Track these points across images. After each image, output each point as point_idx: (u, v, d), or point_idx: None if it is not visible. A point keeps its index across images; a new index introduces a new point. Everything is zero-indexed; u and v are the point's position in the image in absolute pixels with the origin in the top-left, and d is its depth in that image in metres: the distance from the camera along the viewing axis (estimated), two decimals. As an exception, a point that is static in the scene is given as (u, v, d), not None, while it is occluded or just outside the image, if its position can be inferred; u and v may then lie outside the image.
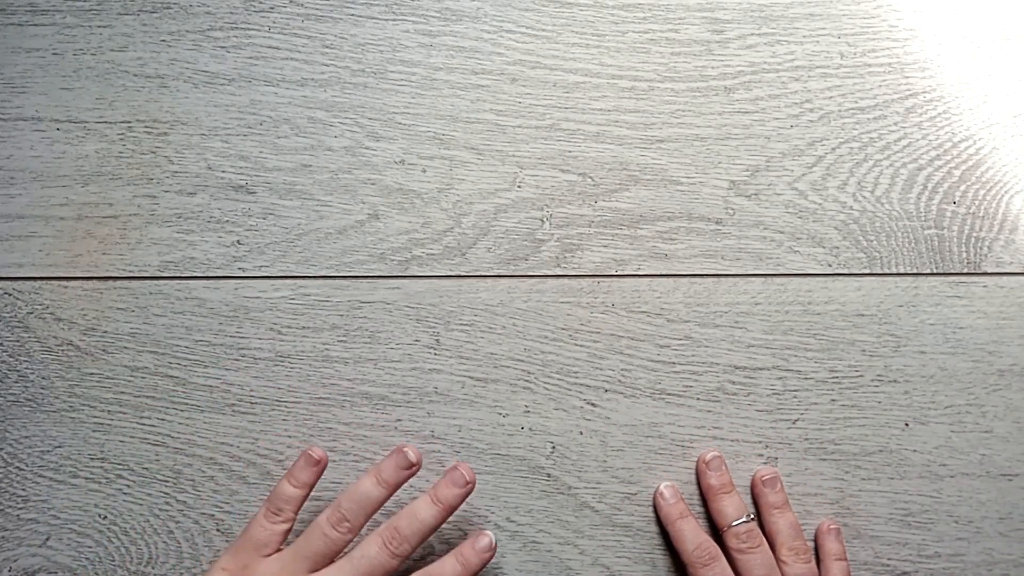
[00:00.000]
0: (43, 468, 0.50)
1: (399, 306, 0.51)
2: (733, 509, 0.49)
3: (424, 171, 0.52)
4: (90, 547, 0.50)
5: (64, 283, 0.51)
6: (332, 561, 0.44)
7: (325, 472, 0.47)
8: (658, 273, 0.51)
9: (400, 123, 0.52)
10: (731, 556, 0.48)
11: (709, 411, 0.51)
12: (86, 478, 0.50)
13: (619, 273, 0.51)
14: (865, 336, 0.51)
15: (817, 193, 0.52)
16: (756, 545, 0.48)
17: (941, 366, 0.51)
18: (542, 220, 0.52)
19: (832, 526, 0.50)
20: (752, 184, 0.52)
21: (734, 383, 0.51)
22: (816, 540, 0.50)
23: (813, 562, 0.48)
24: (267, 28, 0.52)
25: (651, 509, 0.50)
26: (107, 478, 0.50)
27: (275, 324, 0.51)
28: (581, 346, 0.51)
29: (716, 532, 0.49)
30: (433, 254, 0.51)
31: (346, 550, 0.45)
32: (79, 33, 0.52)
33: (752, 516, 0.49)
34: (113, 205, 0.51)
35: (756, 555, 0.47)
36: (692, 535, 0.48)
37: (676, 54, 0.53)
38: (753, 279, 0.51)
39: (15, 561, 0.50)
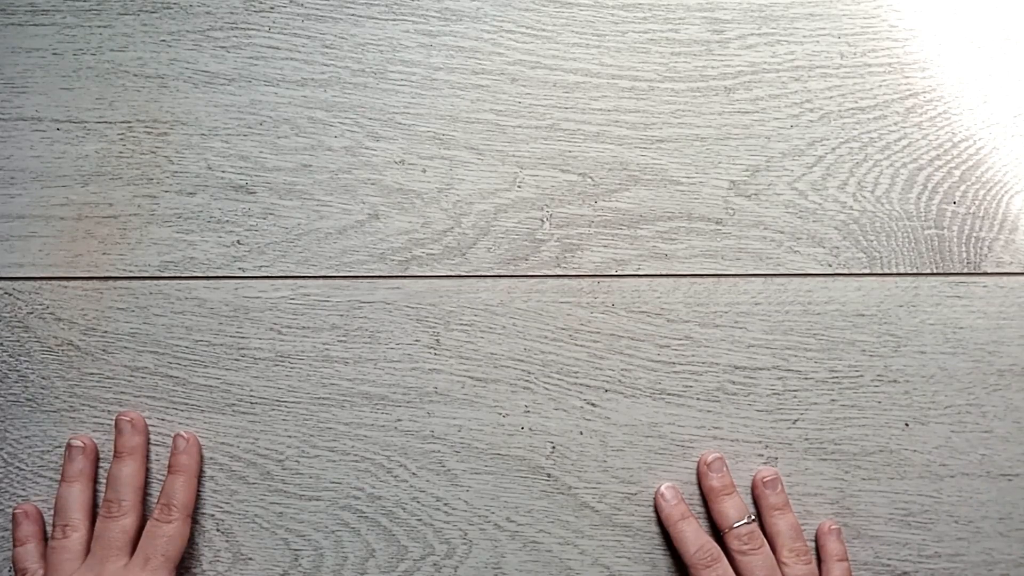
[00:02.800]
0: (43, 468, 0.50)
1: (399, 306, 0.51)
2: (734, 511, 0.49)
3: (424, 171, 0.52)
4: (90, 547, 0.50)
5: (64, 283, 0.51)
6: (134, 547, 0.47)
7: (325, 472, 0.47)
8: (658, 273, 0.51)
9: (400, 123, 0.52)
10: (732, 557, 0.48)
11: (709, 411, 0.51)
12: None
13: (619, 273, 0.51)
14: (865, 336, 0.51)
15: (817, 193, 0.52)
16: (758, 546, 0.48)
17: (941, 366, 0.51)
18: (542, 220, 0.52)
19: (833, 526, 0.50)
20: (752, 184, 0.52)
21: (734, 383, 0.51)
22: (817, 541, 0.50)
23: (814, 563, 0.48)
24: (267, 28, 0.52)
25: (651, 509, 0.50)
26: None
27: (275, 324, 0.51)
28: (581, 346, 0.51)
29: (717, 533, 0.49)
30: (433, 254, 0.51)
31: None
32: (79, 33, 0.52)
33: (753, 517, 0.49)
34: (113, 205, 0.51)
35: (758, 556, 0.47)
36: (694, 537, 0.48)
37: (676, 54, 0.53)
38: (753, 279, 0.51)
39: (15, 561, 0.50)
